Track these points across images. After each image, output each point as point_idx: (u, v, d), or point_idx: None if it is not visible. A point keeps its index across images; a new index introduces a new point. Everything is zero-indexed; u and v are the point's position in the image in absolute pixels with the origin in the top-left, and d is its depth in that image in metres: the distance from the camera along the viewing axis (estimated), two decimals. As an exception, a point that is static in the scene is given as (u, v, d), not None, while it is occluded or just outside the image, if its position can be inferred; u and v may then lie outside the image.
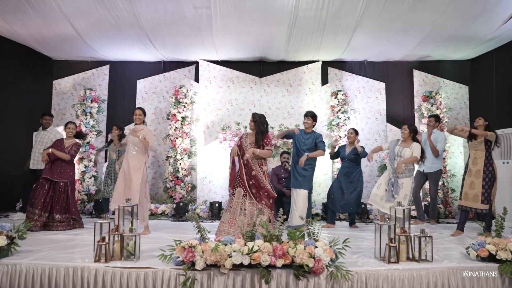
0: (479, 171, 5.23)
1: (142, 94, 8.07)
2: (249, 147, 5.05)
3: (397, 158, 5.44)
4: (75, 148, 5.65)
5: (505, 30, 6.33)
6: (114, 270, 3.35)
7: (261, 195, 5.00)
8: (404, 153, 5.39)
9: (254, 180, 5.01)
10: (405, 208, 3.92)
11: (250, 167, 5.03)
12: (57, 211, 5.40)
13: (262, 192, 5.00)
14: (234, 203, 5.00)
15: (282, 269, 3.30)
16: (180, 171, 7.33)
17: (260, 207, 4.92)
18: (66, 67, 8.22)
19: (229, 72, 7.86)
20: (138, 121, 5.35)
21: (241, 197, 5.02)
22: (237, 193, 5.03)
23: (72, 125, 5.73)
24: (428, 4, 5.71)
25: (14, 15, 6.02)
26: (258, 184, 5.01)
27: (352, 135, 6.13)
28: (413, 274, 3.44)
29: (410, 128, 5.47)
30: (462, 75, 8.03)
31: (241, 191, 5.03)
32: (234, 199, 5.01)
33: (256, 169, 5.03)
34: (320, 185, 7.33)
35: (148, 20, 6.19)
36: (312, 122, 5.73)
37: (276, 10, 5.88)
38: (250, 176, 5.03)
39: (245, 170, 5.05)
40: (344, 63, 8.08)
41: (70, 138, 5.71)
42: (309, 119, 5.70)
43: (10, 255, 3.64)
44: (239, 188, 5.04)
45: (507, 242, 3.61)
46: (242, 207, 4.98)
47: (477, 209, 5.17)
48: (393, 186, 5.34)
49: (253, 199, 4.97)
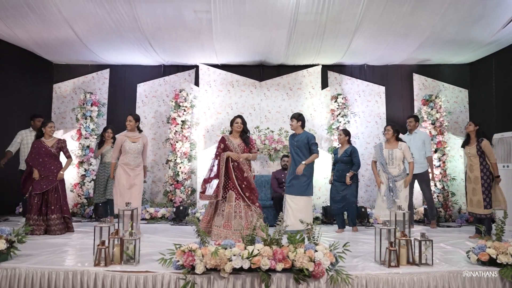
0: (477, 177, 5.33)
1: (142, 98, 8.08)
2: (238, 149, 5.18)
3: (389, 162, 5.43)
4: (64, 144, 5.57)
5: (504, 34, 6.34)
6: (114, 274, 3.34)
7: (253, 197, 5.13)
8: (395, 154, 5.41)
9: (246, 182, 5.11)
10: (406, 212, 3.93)
11: (241, 169, 5.13)
12: (52, 212, 5.34)
13: (253, 193, 5.14)
14: (227, 207, 5.02)
15: (282, 273, 3.28)
16: (180, 175, 7.32)
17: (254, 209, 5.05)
18: (66, 70, 8.23)
19: (229, 76, 7.87)
20: (130, 127, 5.39)
21: (234, 200, 5.05)
22: (229, 196, 5.06)
23: (52, 123, 5.55)
24: (427, 8, 5.73)
25: (15, 19, 6.04)
26: (249, 185, 5.12)
27: (341, 136, 6.11)
28: (413, 278, 3.43)
29: (393, 128, 5.52)
30: (462, 79, 8.05)
31: (233, 194, 5.07)
32: (226, 203, 5.04)
33: (247, 171, 5.16)
34: (320, 189, 7.32)
35: (148, 24, 6.21)
36: (297, 123, 5.69)
37: (276, 14, 5.90)
38: (242, 178, 5.12)
39: (235, 173, 5.12)
40: (344, 67, 8.10)
41: (51, 137, 5.54)
42: (293, 120, 5.71)
43: (9, 259, 3.63)
44: (230, 191, 5.07)
45: (507, 246, 3.60)
46: (237, 210, 5.03)
47: (481, 215, 5.25)
48: (392, 191, 5.33)
49: (246, 201, 5.06)
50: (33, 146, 5.47)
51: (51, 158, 5.47)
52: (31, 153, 5.45)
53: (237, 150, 5.19)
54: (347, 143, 6.06)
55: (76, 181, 7.36)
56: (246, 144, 5.25)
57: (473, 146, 5.39)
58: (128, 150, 5.28)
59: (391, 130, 5.51)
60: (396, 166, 5.42)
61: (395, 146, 5.47)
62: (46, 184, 5.38)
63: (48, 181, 5.39)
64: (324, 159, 7.42)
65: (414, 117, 6.69)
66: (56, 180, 5.44)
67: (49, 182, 5.39)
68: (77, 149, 7.34)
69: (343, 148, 6.07)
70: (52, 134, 5.56)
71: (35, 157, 5.40)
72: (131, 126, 5.38)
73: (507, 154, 6.12)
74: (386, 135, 5.55)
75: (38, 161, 5.39)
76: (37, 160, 5.39)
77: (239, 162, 5.12)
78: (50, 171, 5.43)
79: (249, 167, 5.23)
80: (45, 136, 5.52)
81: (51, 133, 5.55)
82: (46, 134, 5.50)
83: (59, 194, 5.47)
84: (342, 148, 6.11)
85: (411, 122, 6.61)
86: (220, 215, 5.02)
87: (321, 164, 7.38)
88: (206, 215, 5.22)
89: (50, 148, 5.46)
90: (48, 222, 5.31)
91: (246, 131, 5.33)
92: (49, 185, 5.38)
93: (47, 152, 5.43)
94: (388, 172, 5.42)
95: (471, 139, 5.47)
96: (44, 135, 5.51)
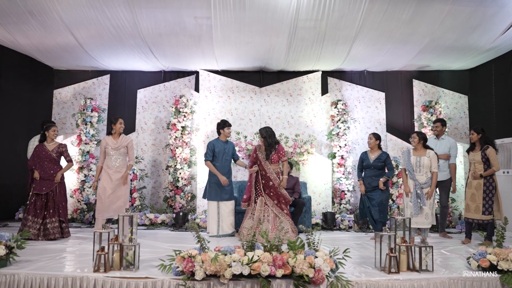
0: (480, 184, 5.31)
1: (142, 104, 8.10)
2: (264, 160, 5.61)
3: (416, 169, 5.40)
4: (64, 149, 5.60)
5: (503, 40, 6.37)
6: (113, 280, 3.33)
7: (281, 204, 5.52)
8: (423, 162, 5.38)
9: (272, 190, 5.53)
10: (406, 218, 3.92)
11: (268, 177, 5.55)
12: (50, 215, 5.35)
13: (281, 200, 5.52)
14: (257, 211, 5.49)
15: (282, 279, 3.27)
16: (180, 181, 7.32)
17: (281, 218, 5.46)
18: (66, 76, 8.26)
19: (229, 81, 7.89)
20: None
21: (263, 205, 5.53)
22: (259, 202, 5.53)
23: (56, 127, 5.63)
24: (426, 15, 5.76)
25: (16, 25, 6.07)
26: (275, 193, 5.53)
27: (372, 140, 5.77)
28: (413, 284, 3.42)
29: (419, 135, 5.46)
30: (462, 85, 8.07)
31: (263, 199, 5.54)
32: (256, 207, 5.51)
33: (274, 179, 5.55)
34: (320, 195, 7.32)
35: (149, 30, 6.24)
36: (219, 130, 6.05)
37: (276, 21, 5.93)
38: (269, 187, 5.54)
39: (263, 181, 5.60)
40: (344, 73, 8.12)
41: (53, 141, 5.60)
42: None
43: (8, 265, 3.62)
44: (261, 197, 5.55)
45: (508, 252, 3.60)
46: (265, 214, 5.51)
47: (479, 220, 5.25)
48: (420, 198, 5.31)
49: (275, 206, 5.51)
50: (35, 149, 5.56)
51: (51, 162, 5.50)
52: (33, 156, 5.56)
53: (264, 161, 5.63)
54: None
55: (76, 186, 7.35)
56: (267, 158, 5.62)
57: (477, 152, 5.38)
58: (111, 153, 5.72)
59: (416, 138, 5.45)
60: (424, 174, 5.39)
61: (423, 153, 5.42)
62: (46, 187, 5.40)
63: (48, 184, 5.43)
64: (324, 165, 7.43)
65: (441, 121, 6.25)
66: (54, 183, 5.47)
67: (48, 185, 5.43)
68: (77, 155, 7.33)
69: (375, 153, 5.78)
70: (55, 138, 5.62)
71: (36, 160, 5.47)
72: None
73: (508, 160, 6.13)
74: (413, 142, 5.50)
75: (38, 164, 5.46)
76: (38, 163, 5.46)
77: (265, 172, 5.56)
78: (50, 175, 5.46)
79: (277, 175, 5.60)
80: (47, 140, 5.57)
81: (54, 137, 5.60)
82: (49, 137, 5.56)
83: (57, 198, 5.47)
84: (372, 153, 5.81)
85: (438, 127, 6.18)
86: (251, 219, 5.53)
87: (321, 170, 7.39)
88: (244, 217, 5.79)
89: (50, 152, 5.50)
90: (45, 226, 5.31)
91: (270, 144, 5.63)
92: (49, 188, 5.41)
93: (47, 156, 5.48)
94: (416, 179, 5.39)
95: (476, 145, 5.47)
96: (46, 139, 5.57)
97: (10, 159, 7.00)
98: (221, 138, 6.08)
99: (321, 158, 7.50)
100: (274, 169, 5.59)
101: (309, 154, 7.40)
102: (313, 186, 7.35)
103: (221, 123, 6.06)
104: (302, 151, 7.35)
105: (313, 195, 7.16)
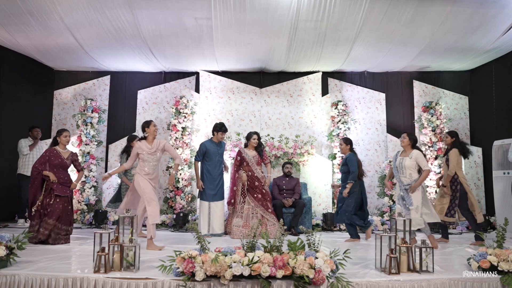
0: (448, 188, 5.62)
1: (143, 105, 8.10)
2: (253, 160, 6.05)
3: (400, 170, 5.24)
4: (76, 158, 5.43)
5: (504, 41, 6.37)
6: (114, 281, 3.33)
7: (267, 201, 5.94)
8: (404, 163, 5.18)
9: (257, 190, 5.94)
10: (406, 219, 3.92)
11: (256, 177, 5.99)
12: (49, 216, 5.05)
13: (266, 197, 5.95)
14: (245, 209, 5.86)
15: (282, 280, 3.27)
16: (180, 182, 7.32)
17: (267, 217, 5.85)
18: (67, 77, 8.26)
19: (230, 82, 7.89)
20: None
21: (251, 204, 5.90)
22: (247, 201, 5.91)
23: (67, 132, 5.36)
24: (427, 16, 5.76)
25: (17, 26, 6.08)
26: (260, 191, 5.95)
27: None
28: (414, 285, 3.42)
29: (409, 136, 5.29)
30: (462, 86, 8.06)
31: (248, 201, 5.91)
32: (245, 206, 5.88)
33: (261, 177, 6.04)
34: (320, 196, 7.32)
35: (149, 31, 6.24)
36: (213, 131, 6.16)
37: (276, 22, 5.93)
38: (254, 187, 5.95)
39: (249, 182, 5.98)
40: (344, 73, 8.13)
41: (65, 148, 5.38)
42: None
43: (9, 266, 3.63)
44: (246, 198, 5.92)
45: (508, 253, 3.59)
46: (253, 211, 5.88)
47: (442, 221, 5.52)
48: (404, 200, 5.20)
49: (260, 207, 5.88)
50: (46, 154, 5.22)
51: (64, 169, 5.29)
52: (42, 160, 5.20)
53: (252, 161, 6.04)
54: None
55: (76, 187, 7.33)
56: (261, 156, 6.14)
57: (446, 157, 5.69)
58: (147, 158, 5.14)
59: (406, 138, 5.27)
60: (407, 175, 5.17)
61: (408, 154, 5.23)
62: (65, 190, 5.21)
63: (65, 189, 5.23)
64: (324, 166, 7.43)
65: (450, 133, 5.93)
66: (69, 190, 5.28)
67: (66, 190, 5.24)
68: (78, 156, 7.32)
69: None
70: (67, 143, 5.36)
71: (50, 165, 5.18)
72: None
73: (507, 160, 6.11)
74: (402, 143, 5.34)
75: (52, 169, 5.17)
76: (51, 169, 5.17)
77: (253, 173, 5.98)
78: (64, 181, 5.24)
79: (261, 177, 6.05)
80: (60, 146, 5.31)
81: (66, 143, 5.34)
82: (61, 143, 5.30)
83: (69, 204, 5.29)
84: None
85: (447, 138, 5.91)
86: (239, 217, 5.88)
87: (322, 171, 7.39)
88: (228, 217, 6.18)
89: (65, 160, 5.28)
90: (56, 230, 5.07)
91: (261, 144, 6.19)
92: (64, 193, 5.21)
93: (62, 163, 5.25)
94: (400, 180, 5.25)
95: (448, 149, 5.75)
96: (59, 145, 5.31)
97: (10, 160, 6.99)
98: (214, 140, 6.14)
99: (321, 159, 7.51)
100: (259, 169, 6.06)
101: (310, 155, 7.40)
102: (313, 187, 7.35)
103: (217, 126, 6.10)
104: (302, 152, 7.35)
105: (314, 196, 7.16)
